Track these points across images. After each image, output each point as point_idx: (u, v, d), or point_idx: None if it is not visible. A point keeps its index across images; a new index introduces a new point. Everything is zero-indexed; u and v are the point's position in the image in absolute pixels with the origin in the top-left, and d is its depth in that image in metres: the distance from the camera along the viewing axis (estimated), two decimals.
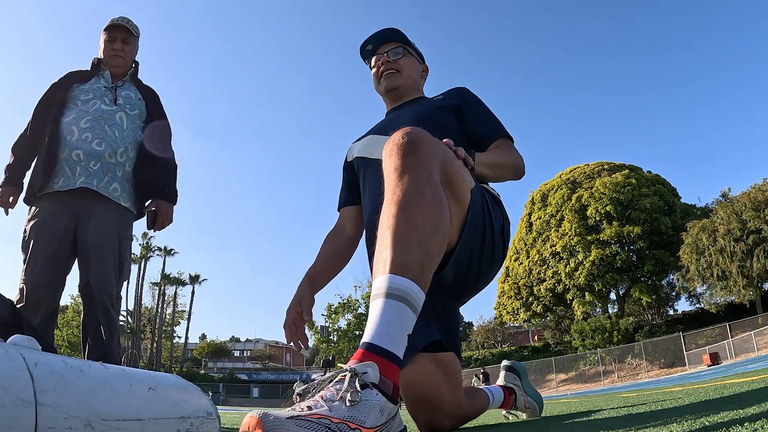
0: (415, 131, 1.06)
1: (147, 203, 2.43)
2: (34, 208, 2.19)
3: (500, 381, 1.97)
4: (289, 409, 0.74)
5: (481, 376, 18.65)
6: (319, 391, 0.78)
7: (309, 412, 0.71)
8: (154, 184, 2.38)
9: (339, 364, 0.83)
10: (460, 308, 1.58)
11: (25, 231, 2.16)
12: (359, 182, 1.77)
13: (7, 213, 2.25)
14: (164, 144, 2.45)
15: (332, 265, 1.75)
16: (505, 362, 2.04)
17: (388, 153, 1.06)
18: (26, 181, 2.28)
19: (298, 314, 1.59)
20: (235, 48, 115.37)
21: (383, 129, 1.71)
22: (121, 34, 2.42)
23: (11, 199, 2.24)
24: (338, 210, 1.87)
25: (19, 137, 2.31)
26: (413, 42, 1.87)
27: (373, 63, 1.84)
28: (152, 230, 2.43)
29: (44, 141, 2.21)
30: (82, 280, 2.13)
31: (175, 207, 2.49)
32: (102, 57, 2.43)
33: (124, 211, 2.25)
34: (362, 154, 1.73)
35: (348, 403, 0.74)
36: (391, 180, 1.02)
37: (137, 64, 2.52)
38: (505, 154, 1.59)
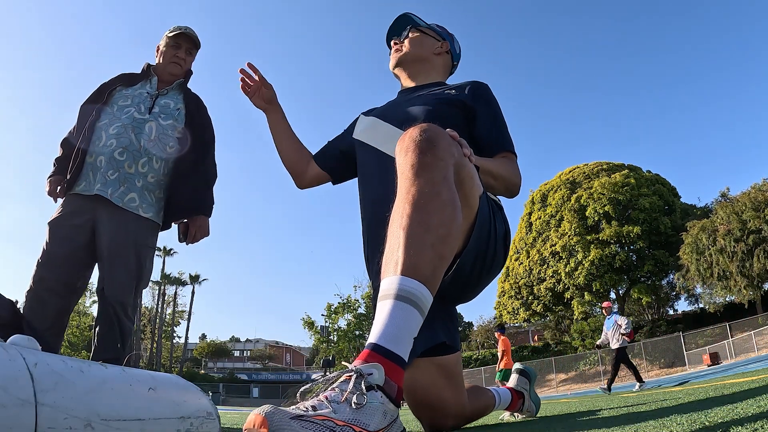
0: (432, 128, 1.05)
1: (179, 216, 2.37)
2: (59, 206, 2.23)
3: (511, 383, 1.98)
4: (294, 407, 0.73)
5: None
6: (323, 391, 0.78)
7: (313, 413, 0.71)
8: (186, 199, 2.33)
9: (344, 363, 0.82)
10: (460, 307, 1.57)
11: (47, 226, 2.20)
12: (352, 160, 1.75)
13: (55, 200, 2.28)
14: (201, 154, 2.39)
15: (290, 139, 1.87)
16: (517, 365, 2.05)
17: (404, 149, 1.03)
18: None
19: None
20: (234, 48, 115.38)
21: (387, 112, 1.68)
22: (188, 44, 2.43)
23: (59, 189, 2.26)
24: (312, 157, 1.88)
25: (68, 133, 2.37)
26: (425, 21, 1.86)
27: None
28: (185, 243, 2.37)
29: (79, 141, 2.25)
30: (98, 285, 2.14)
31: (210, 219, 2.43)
32: (160, 61, 2.42)
33: (144, 221, 2.22)
34: (362, 137, 1.68)
35: (353, 406, 0.73)
36: (406, 178, 1.00)
37: (190, 73, 2.50)
38: (503, 167, 1.51)
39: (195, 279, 49.35)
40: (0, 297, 2.02)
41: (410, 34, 1.81)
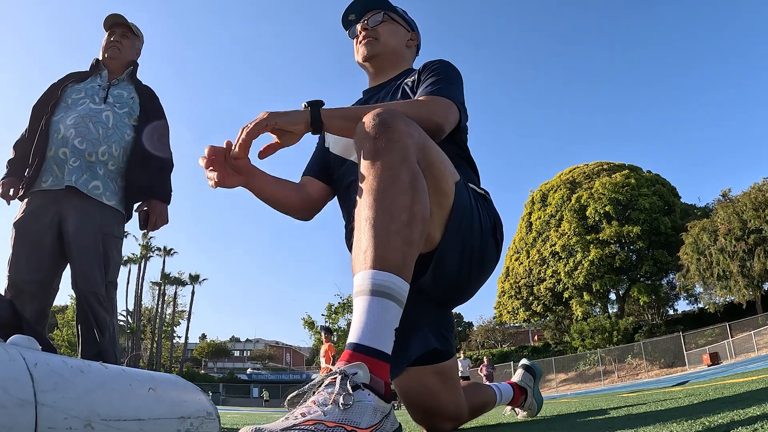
0: (387, 111, 1.01)
1: (138, 204, 2.40)
2: (22, 205, 2.22)
3: (516, 378, 1.96)
4: (283, 418, 0.73)
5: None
6: (311, 396, 0.77)
7: (303, 419, 0.71)
8: (144, 183, 2.36)
9: (327, 366, 0.82)
10: (460, 307, 1.53)
11: (12, 228, 2.19)
12: (331, 173, 1.55)
13: (8, 203, 2.29)
14: (158, 143, 2.43)
15: (280, 187, 1.43)
16: (524, 361, 2.03)
17: (361, 136, 1.00)
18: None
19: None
20: (235, 47, 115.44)
21: None
22: (120, 28, 2.46)
23: (12, 191, 2.27)
24: (303, 175, 1.59)
25: (21, 135, 2.37)
26: (400, 8, 1.69)
27: (354, 33, 1.67)
28: (145, 230, 2.41)
29: (35, 139, 2.25)
30: (72, 278, 2.12)
31: (171, 207, 2.47)
32: (101, 53, 2.45)
33: (108, 210, 2.23)
34: (337, 151, 1.51)
35: (341, 407, 0.73)
36: (364, 166, 0.97)
37: (136, 64, 2.52)
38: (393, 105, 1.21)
39: (195, 279, 49.34)
40: (0, 297, 2.02)
41: (384, 21, 1.62)
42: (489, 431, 1.49)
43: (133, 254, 46.07)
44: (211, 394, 31.80)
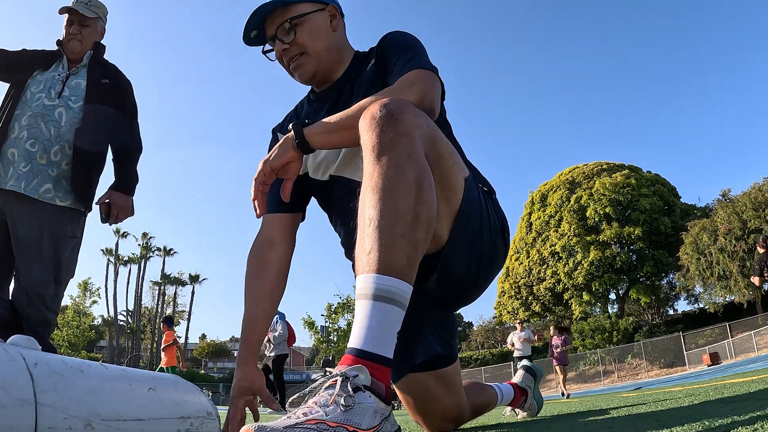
0: (394, 101, 0.96)
1: (101, 195, 2.28)
2: None
3: (516, 379, 1.97)
4: (285, 417, 0.74)
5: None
6: (312, 397, 0.78)
7: (305, 418, 0.71)
8: (91, 176, 2.25)
9: (328, 369, 0.82)
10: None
11: None
12: (304, 198, 1.44)
13: None
14: (115, 130, 2.29)
15: (268, 309, 1.40)
16: (524, 362, 2.04)
17: (365, 128, 0.95)
18: None
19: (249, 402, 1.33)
20: (236, 48, 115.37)
21: None
22: (77, 17, 2.30)
23: None
24: (268, 213, 1.35)
25: None
26: None
27: (272, 53, 1.36)
28: (107, 224, 2.28)
29: None
30: (15, 283, 2.08)
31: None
32: (64, 39, 2.32)
33: (61, 211, 2.15)
34: (318, 176, 1.36)
35: (343, 408, 0.73)
36: (368, 161, 0.93)
37: (101, 47, 2.38)
38: (376, 96, 1.09)
39: (195, 279, 49.45)
40: (0, 297, 2.02)
41: (297, 30, 1.30)
42: (489, 431, 1.49)
43: (133, 254, 46.18)
44: (211, 394, 31.82)
